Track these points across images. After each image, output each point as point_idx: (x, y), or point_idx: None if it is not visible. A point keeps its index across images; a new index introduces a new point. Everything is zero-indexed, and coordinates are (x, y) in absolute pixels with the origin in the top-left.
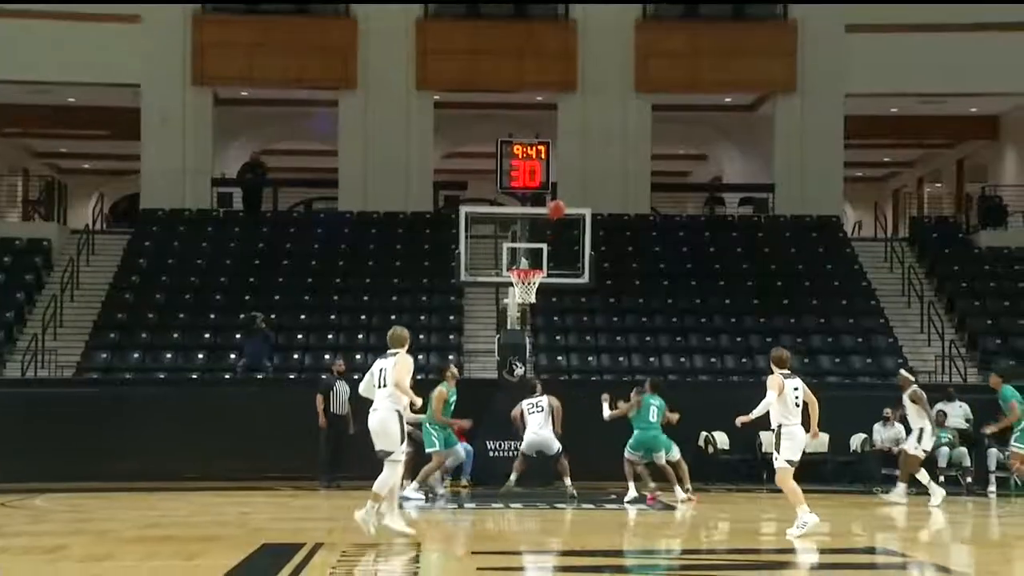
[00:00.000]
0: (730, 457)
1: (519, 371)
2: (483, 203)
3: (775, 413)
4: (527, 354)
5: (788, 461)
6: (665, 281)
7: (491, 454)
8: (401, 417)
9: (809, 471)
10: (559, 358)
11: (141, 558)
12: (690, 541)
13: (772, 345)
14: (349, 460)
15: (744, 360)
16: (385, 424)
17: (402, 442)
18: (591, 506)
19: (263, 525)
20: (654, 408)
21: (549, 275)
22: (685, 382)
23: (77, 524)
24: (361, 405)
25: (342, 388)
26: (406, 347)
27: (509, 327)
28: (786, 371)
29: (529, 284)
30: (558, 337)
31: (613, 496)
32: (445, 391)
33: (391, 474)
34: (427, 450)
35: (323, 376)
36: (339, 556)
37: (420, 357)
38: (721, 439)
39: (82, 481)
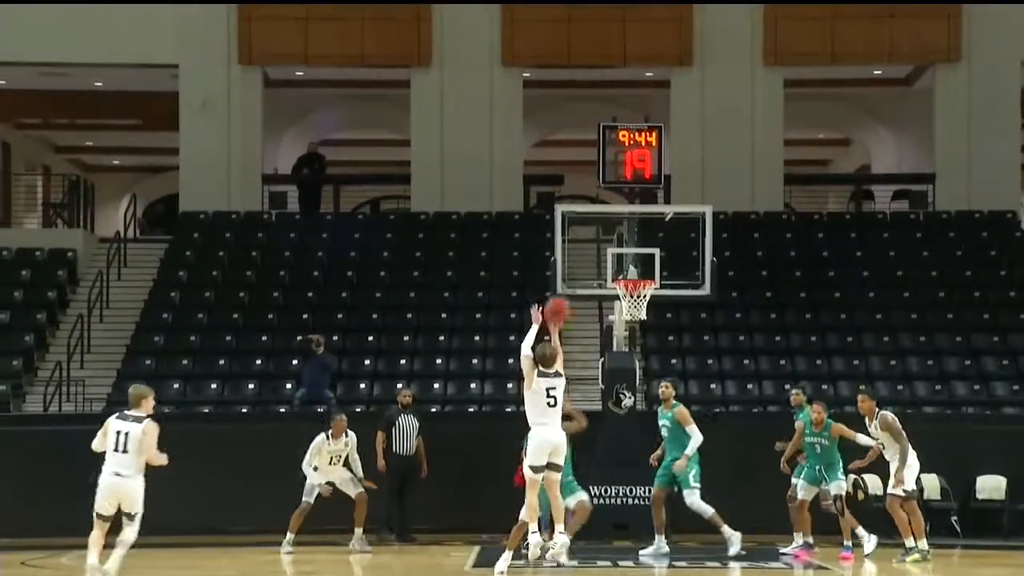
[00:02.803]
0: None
1: (627, 401)
2: (582, 200)
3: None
4: (637, 381)
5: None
6: (803, 292)
7: (595, 501)
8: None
9: (984, 520)
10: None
11: None
12: None
13: (933, 370)
14: (424, 507)
15: (900, 387)
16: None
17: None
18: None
19: None
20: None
21: (663, 286)
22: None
23: None
24: (433, 442)
25: (408, 423)
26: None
27: (615, 349)
28: None
29: (639, 297)
30: (674, 360)
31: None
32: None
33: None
34: None
35: (385, 410)
36: None
37: (510, 386)
38: (873, 483)
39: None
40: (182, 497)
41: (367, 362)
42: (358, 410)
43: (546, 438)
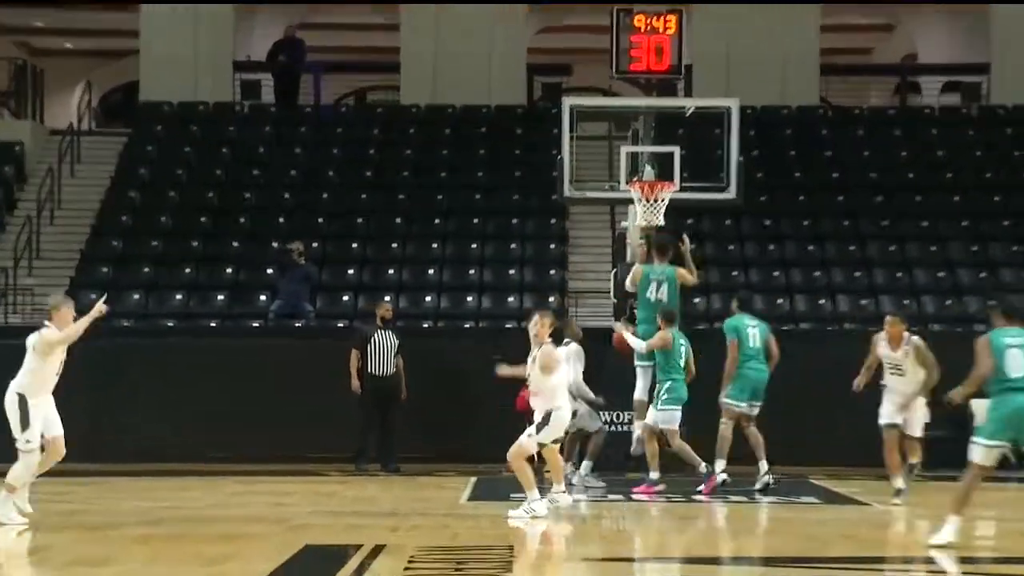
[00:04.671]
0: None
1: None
2: (593, 93)
3: None
4: None
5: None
6: (840, 196)
7: (608, 428)
8: (22, 400)
9: None
10: (696, 300)
11: (147, 562)
12: None
13: (985, 283)
14: (411, 434)
15: (949, 302)
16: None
17: (25, 429)
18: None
19: (305, 521)
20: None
21: (683, 189)
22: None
23: (64, 517)
24: (414, 363)
25: (386, 340)
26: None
27: (629, 259)
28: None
29: (656, 201)
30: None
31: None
32: None
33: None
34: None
35: (358, 325)
36: (406, 563)
37: (511, 299)
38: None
39: (69, 463)
40: (146, 421)
41: (350, 272)
42: (340, 325)
43: (567, 419)
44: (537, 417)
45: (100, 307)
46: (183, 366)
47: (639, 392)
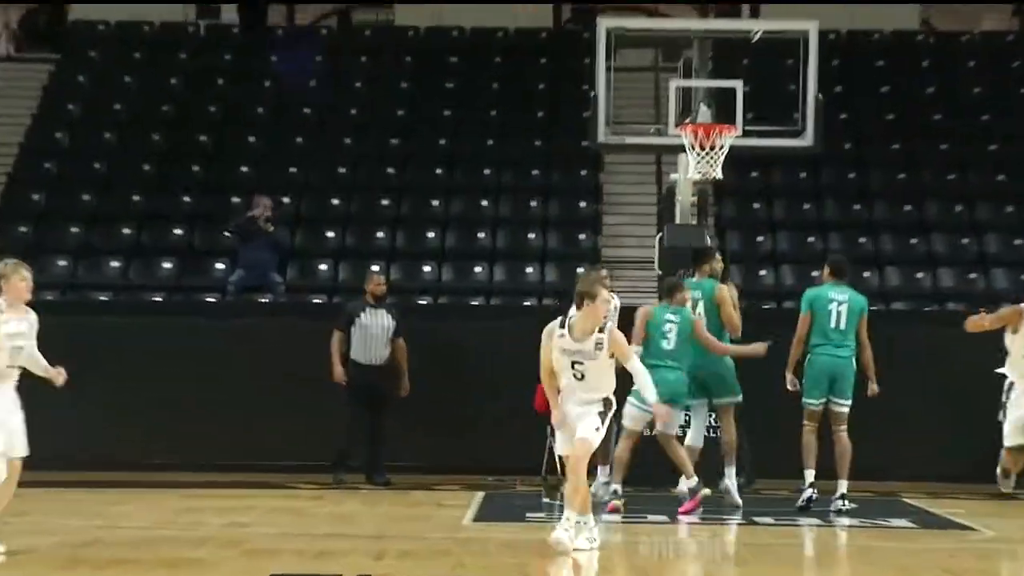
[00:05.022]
0: None
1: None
2: (636, 14)
3: None
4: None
5: None
6: (944, 145)
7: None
8: None
9: None
10: (762, 273)
11: None
12: None
13: None
14: (405, 438)
15: None
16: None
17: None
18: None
19: (269, 545)
20: (670, 324)
21: (746, 133)
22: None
23: None
24: (410, 350)
25: (378, 321)
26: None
27: (679, 221)
28: None
29: (713, 149)
30: (760, 238)
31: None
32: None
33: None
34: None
35: (346, 302)
36: None
37: (529, 270)
38: None
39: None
40: (72, 420)
41: (330, 235)
42: (316, 302)
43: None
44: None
45: (59, 379)
46: (119, 350)
47: (691, 437)
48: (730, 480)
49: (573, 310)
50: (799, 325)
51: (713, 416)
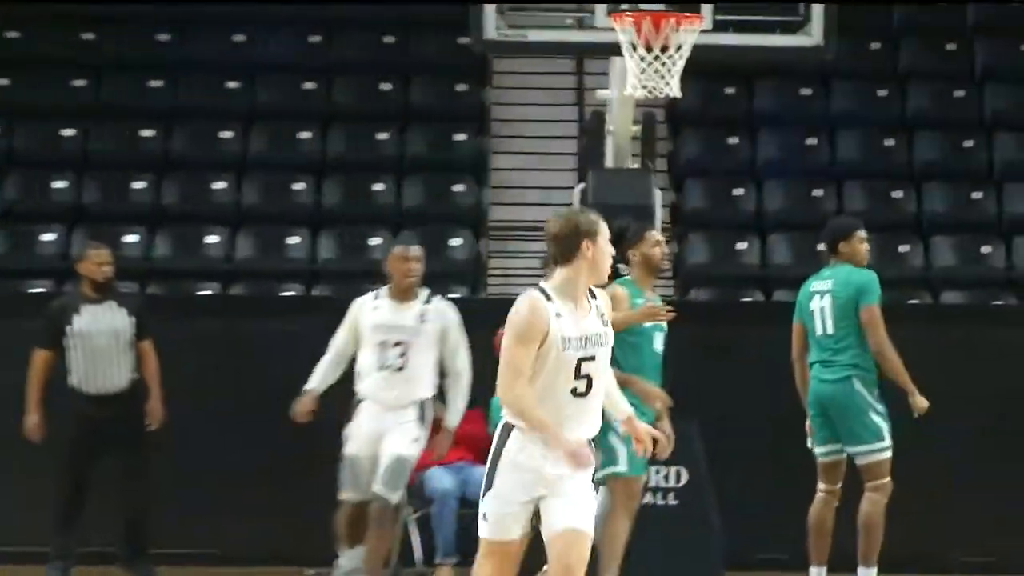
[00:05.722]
0: None
1: None
2: None
3: None
4: (657, 229)
5: None
6: (993, 58)
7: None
8: None
9: None
10: (740, 246)
11: None
12: None
13: None
14: (165, 504)
15: None
16: None
17: None
18: None
19: None
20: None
21: (718, 27)
22: None
23: None
24: (177, 363)
25: (104, 324)
26: None
27: (612, 164)
28: None
29: (666, 51)
30: (740, 192)
31: None
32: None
33: None
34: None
35: (53, 300)
36: None
37: (374, 241)
38: None
39: None
40: None
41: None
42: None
43: None
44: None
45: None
46: None
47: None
48: None
49: (552, 279)
50: (793, 338)
51: None
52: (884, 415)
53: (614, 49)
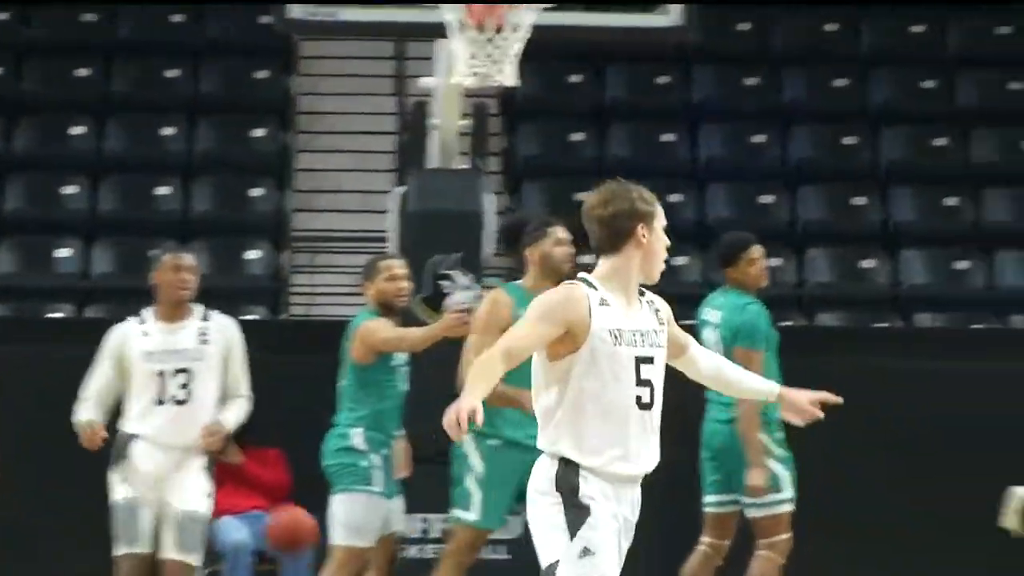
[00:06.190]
0: None
1: (461, 294)
2: None
3: None
4: (490, 239)
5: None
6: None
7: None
8: None
9: None
10: (584, 259)
11: None
12: None
13: None
14: None
15: None
16: None
17: None
18: None
19: None
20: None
21: (560, 4)
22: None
23: None
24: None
25: None
26: None
27: (436, 164)
28: None
29: (500, 32)
30: (584, 194)
31: None
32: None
33: None
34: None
35: None
36: None
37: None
38: None
39: None
40: None
41: None
42: None
43: None
44: None
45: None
46: None
47: None
48: None
49: (597, 271)
50: None
51: None
52: (786, 461)
53: (440, 30)
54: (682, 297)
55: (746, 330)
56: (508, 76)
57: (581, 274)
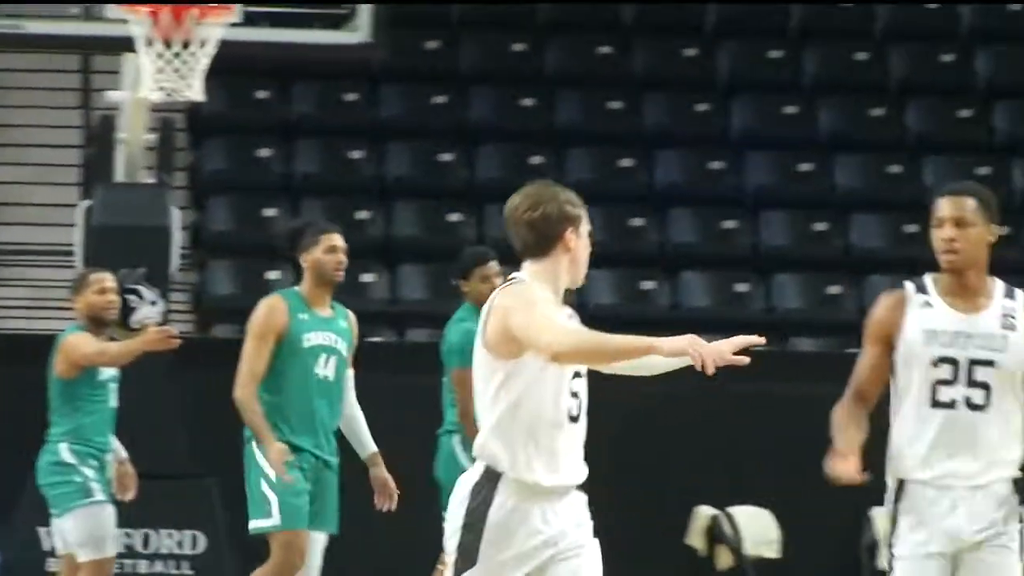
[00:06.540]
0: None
1: (149, 306)
2: None
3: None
4: (175, 257)
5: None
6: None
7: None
8: None
9: None
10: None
11: None
12: None
13: None
14: None
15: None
16: None
17: None
18: None
19: None
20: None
21: (249, 20)
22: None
23: None
24: None
25: None
26: None
27: (121, 178)
28: None
29: (188, 47)
30: (271, 211)
31: None
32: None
33: None
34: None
35: None
36: None
37: None
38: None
39: None
40: None
41: None
42: None
43: None
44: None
45: None
46: None
47: None
48: None
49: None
50: (457, 387)
51: None
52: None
53: (127, 44)
54: (369, 315)
55: (451, 346)
56: (195, 91)
57: (514, 274)
